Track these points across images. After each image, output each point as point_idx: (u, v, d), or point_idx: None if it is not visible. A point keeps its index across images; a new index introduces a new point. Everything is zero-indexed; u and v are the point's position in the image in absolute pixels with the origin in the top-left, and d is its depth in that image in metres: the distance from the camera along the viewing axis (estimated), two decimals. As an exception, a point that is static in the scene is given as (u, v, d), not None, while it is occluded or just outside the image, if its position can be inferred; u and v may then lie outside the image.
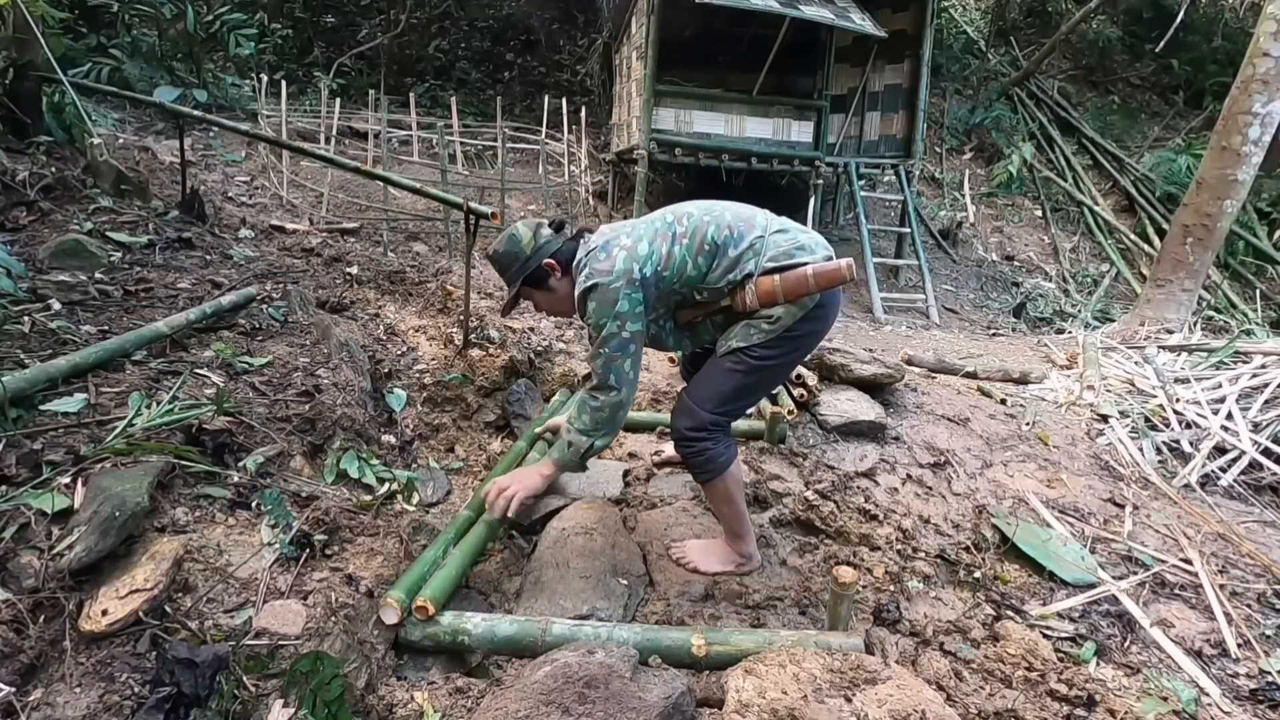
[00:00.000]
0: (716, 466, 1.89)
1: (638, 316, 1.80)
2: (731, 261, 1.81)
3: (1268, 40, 5.22)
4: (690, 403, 1.89)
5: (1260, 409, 3.31)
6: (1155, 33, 11.27)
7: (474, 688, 1.53)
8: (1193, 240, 5.64)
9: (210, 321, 2.48)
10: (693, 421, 1.87)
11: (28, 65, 3.78)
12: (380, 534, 1.82)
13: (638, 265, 1.78)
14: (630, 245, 1.82)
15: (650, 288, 1.81)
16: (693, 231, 1.83)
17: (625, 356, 1.82)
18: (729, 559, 2.06)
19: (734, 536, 2.06)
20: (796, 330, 1.82)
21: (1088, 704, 1.70)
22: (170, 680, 1.21)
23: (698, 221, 1.84)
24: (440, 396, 2.81)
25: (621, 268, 1.78)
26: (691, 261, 1.81)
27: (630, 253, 1.80)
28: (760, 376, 1.88)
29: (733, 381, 1.85)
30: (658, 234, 1.84)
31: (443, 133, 7.34)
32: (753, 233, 1.84)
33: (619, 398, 1.86)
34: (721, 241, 1.81)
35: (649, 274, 1.80)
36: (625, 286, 1.76)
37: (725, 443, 1.91)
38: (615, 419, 1.90)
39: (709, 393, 1.87)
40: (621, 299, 1.77)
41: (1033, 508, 2.60)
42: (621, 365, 1.82)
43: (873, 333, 6.33)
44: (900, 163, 8.53)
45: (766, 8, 6.88)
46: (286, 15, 11.54)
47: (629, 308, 1.78)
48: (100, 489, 1.46)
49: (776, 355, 1.84)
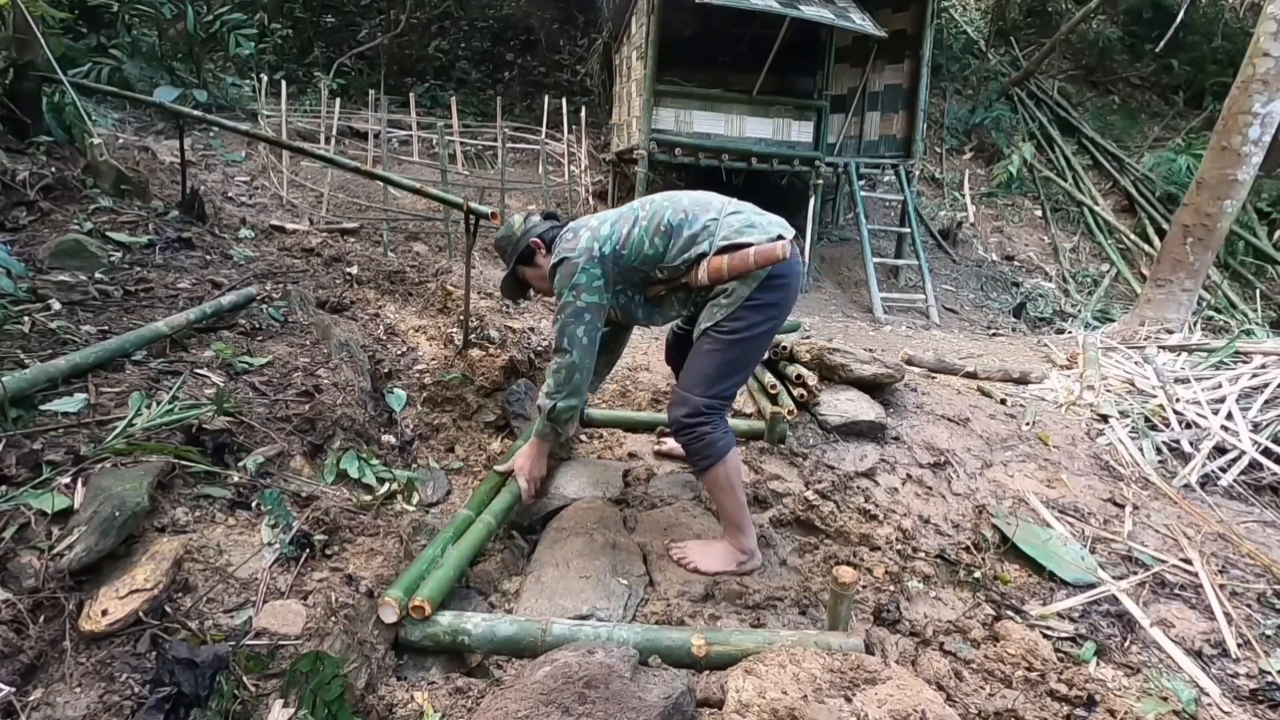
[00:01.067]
0: (715, 451, 1.98)
1: (594, 290, 2.00)
2: (686, 241, 1.99)
3: (1268, 40, 5.22)
4: (682, 391, 2.02)
5: (1260, 409, 3.31)
6: (1155, 33, 11.26)
7: (474, 688, 1.53)
8: (1193, 240, 5.64)
9: (210, 321, 2.48)
10: (688, 408, 1.99)
11: (28, 65, 3.78)
12: (380, 534, 1.82)
13: (598, 244, 2.01)
14: (595, 227, 2.06)
15: (609, 264, 2.02)
16: (652, 215, 2.04)
17: (579, 324, 2.01)
18: (730, 558, 2.07)
19: (735, 530, 2.08)
20: (755, 300, 1.95)
21: (1088, 704, 1.70)
22: (170, 680, 1.21)
23: (658, 206, 2.06)
24: (440, 396, 2.81)
25: (584, 245, 2.02)
26: (649, 241, 2.02)
27: (594, 233, 2.04)
28: (737, 350, 1.99)
29: (713, 361, 1.98)
30: (622, 218, 2.08)
31: (443, 133, 7.35)
32: (707, 214, 2.01)
33: (571, 359, 2.04)
34: (676, 223, 2.00)
35: (608, 251, 2.01)
36: (585, 262, 1.99)
37: (722, 428, 2.02)
38: (572, 380, 2.06)
39: (696, 378, 2.00)
40: (579, 272, 1.99)
41: (1033, 508, 2.60)
42: (575, 331, 2.02)
43: (873, 333, 6.33)
44: (900, 163, 8.53)
45: (766, 8, 6.88)
46: (286, 15, 11.54)
47: (586, 281, 1.99)
48: (100, 489, 1.46)
49: (745, 326, 1.97)
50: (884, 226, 8.89)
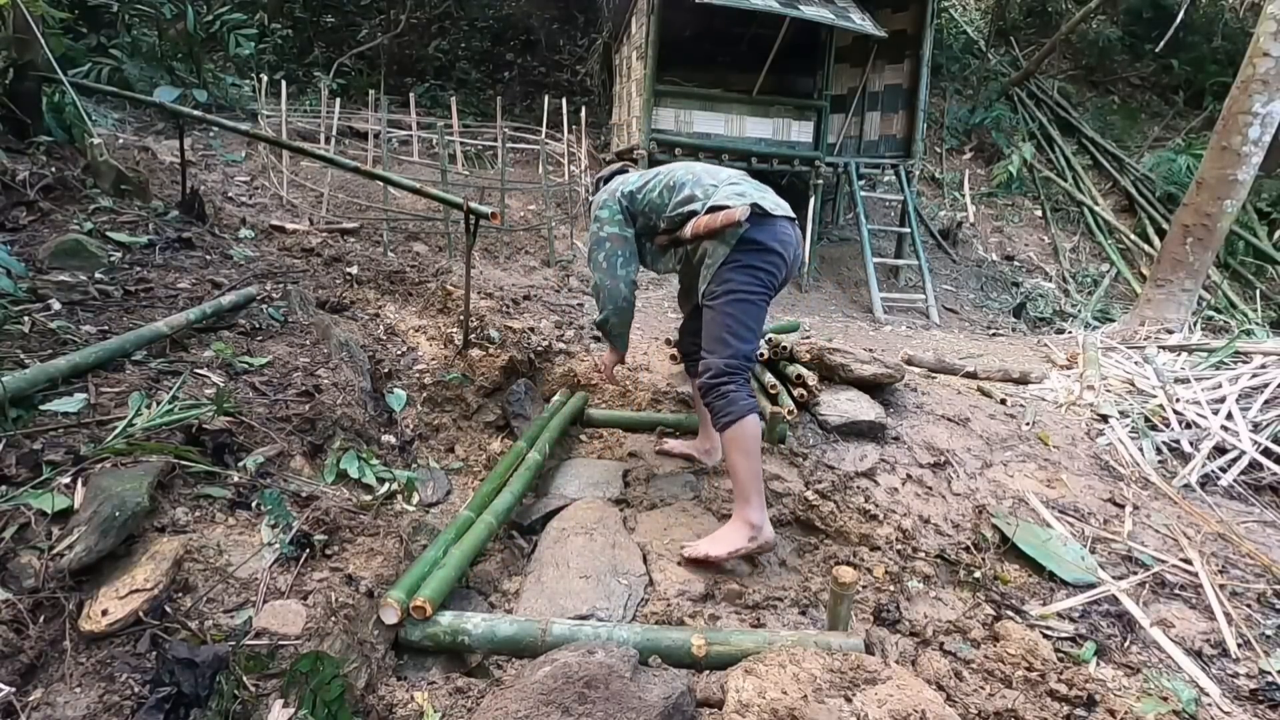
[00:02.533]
0: (739, 409, 2.08)
1: (615, 223, 2.39)
2: (685, 199, 2.27)
3: (1268, 40, 5.22)
4: (704, 357, 2.21)
5: (1260, 409, 3.31)
6: (1155, 33, 11.26)
7: (474, 688, 1.53)
8: (1193, 240, 5.64)
9: (210, 321, 2.48)
10: (711, 370, 2.15)
11: (28, 65, 3.78)
12: (380, 534, 1.82)
13: (623, 189, 2.43)
14: (629, 177, 2.49)
15: (625, 202, 2.41)
16: (669, 172, 2.38)
17: (600, 250, 2.39)
18: (739, 535, 2.07)
19: (743, 501, 2.09)
20: (735, 260, 2.14)
21: (1088, 704, 1.70)
22: (170, 680, 1.21)
23: (676, 168, 2.40)
24: (440, 396, 2.81)
25: (613, 186, 2.48)
26: (658, 193, 2.35)
27: (624, 181, 2.48)
28: (736, 309, 2.15)
29: (719, 323, 2.16)
30: (653, 174, 2.43)
31: (443, 133, 7.34)
32: (710, 180, 2.28)
33: (596, 279, 2.41)
34: (682, 182, 2.31)
35: (627, 192, 2.42)
36: (607, 198, 2.43)
37: (746, 389, 2.14)
38: (600, 297, 2.42)
39: (711, 342, 2.19)
40: (603, 208, 2.42)
41: (1033, 508, 2.60)
42: (596, 255, 2.39)
43: (873, 333, 6.33)
44: (900, 163, 8.53)
45: (766, 8, 6.88)
46: (286, 15, 11.53)
47: (608, 215, 2.40)
48: (100, 489, 1.46)
49: (733, 287, 2.14)
50: (884, 226, 8.89)
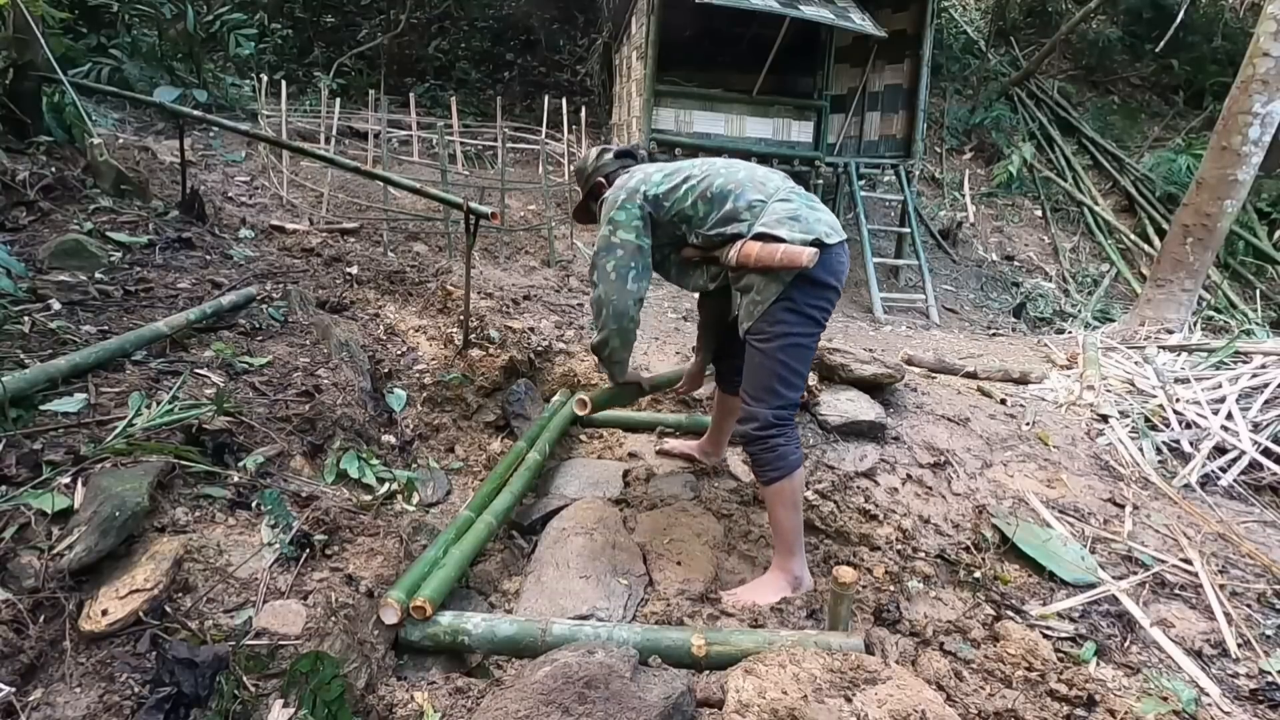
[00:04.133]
0: (786, 465, 1.92)
1: (631, 229, 1.98)
2: (727, 215, 1.94)
3: (1268, 40, 5.21)
4: (750, 405, 1.96)
5: (1260, 409, 3.31)
6: (1155, 33, 11.25)
7: (474, 688, 1.53)
8: (1193, 240, 5.63)
9: (210, 321, 2.48)
10: (757, 422, 1.93)
11: (28, 65, 3.78)
12: (380, 534, 1.82)
13: (645, 186, 2.01)
14: (651, 172, 2.06)
15: (648, 208, 2.01)
16: (703, 176, 2.00)
17: (609, 258, 2.00)
18: (781, 586, 1.97)
19: (785, 553, 1.98)
20: (791, 300, 1.87)
21: (1088, 704, 1.70)
22: (170, 680, 1.21)
23: (713, 171, 2.01)
24: (440, 396, 2.81)
25: (632, 185, 2.02)
26: (691, 202, 1.98)
27: (645, 176, 2.04)
28: (786, 355, 1.90)
29: (768, 369, 1.91)
30: (678, 170, 2.05)
31: (443, 133, 7.34)
32: (756, 194, 1.94)
33: (598, 293, 2.03)
34: (724, 193, 1.95)
35: (651, 195, 2.00)
36: (625, 199, 2.00)
37: (794, 442, 1.96)
38: (601, 315, 2.04)
39: (758, 390, 1.94)
40: (621, 208, 2.00)
41: (1033, 508, 2.60)
42: (604, 264, 2.01)
43: (873, 333, 6.32)
44: (900, 163, 8.53)
45: (766, 8, 6.88)
46: (286, 15, 11.53)
47: (625, 218, 1.99)
48: (100, 489, 1.46)
49: (784, 330, 1.88)
50: (884, 226, 8.88)
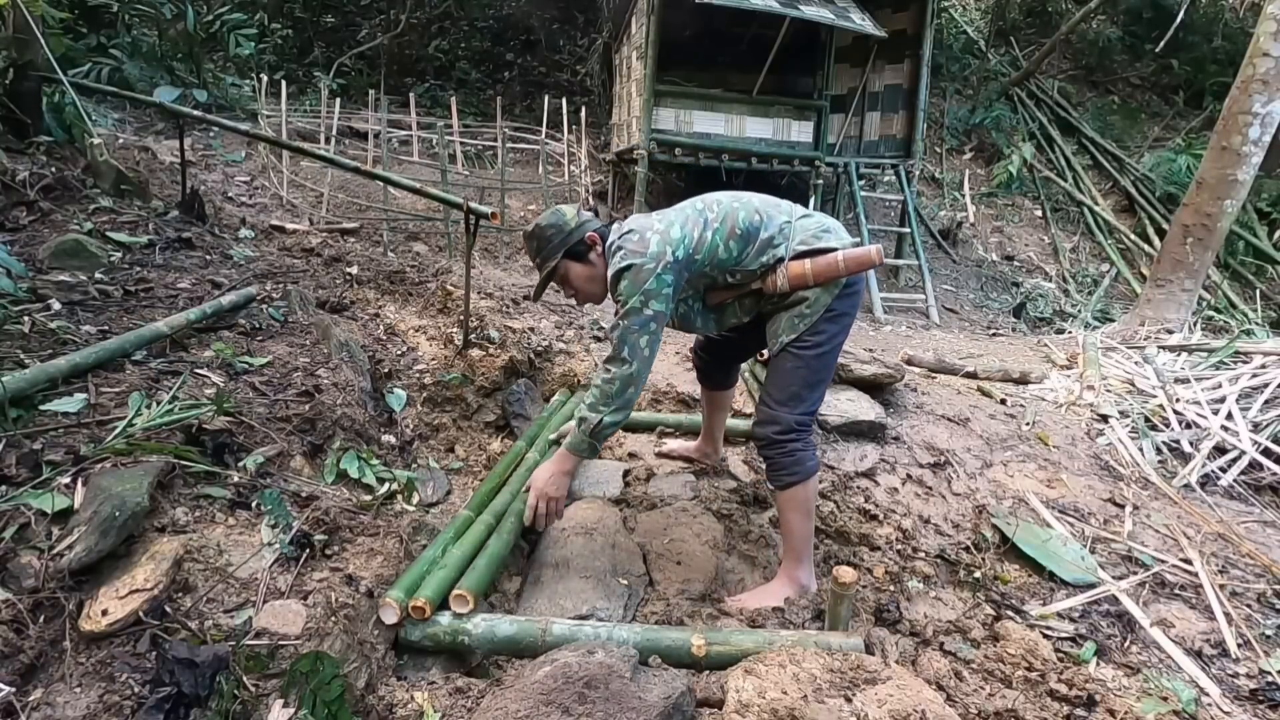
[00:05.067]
0: (804, 470, 1.93)
1: (664, 298, 1.86)
2: (763, 244, 1.90)
3: (1268, 40, 5.22)
4: (772, 409, 1.95)
5: (1260, 409, 3.31)
6: (1155, 33, 11.26)
7: (474, 688, 1.53)
8: (1193, 240, 5.63)
9: (210, 321, 2.48)
10: (780, 425, 1.93)
11: (28, 65, 3.78)
12: (380, 534, 1.82)
13: (670, 248, 1.86)
14: (663, 230, 1.89)
15: (681, 271, 1.88)
16: (723, 217, 1.92)
17: (643, 333, 1.86)
18: (788, 594, 1.96)
19: (794, 561, 1.97)
20: (834, 309, 1.91)
21: (1088, 704, 1.70)
22: (170, 680, 1.21)
23: (728, 208, 1.94)
24: (440, 396, 2.81)
25: (655, 250, 1.85)
26: (723, 245, 1.90)
27: (664, 236, 1.87)
28: (819, 363, 1.94)
29: (800, 376, 1.92)
30: (689, 220, 1.92)
31: (443, 133, 7.35)
32: (781, 217, 1.95)
33: (630, 370, 1.88)
34: (753, 226, 1.91)
35: (681, 257, 1.86)
36: (658, 268, 1.83)
37: (813, 448, 1.97)
38: (625, 394, 1.90)
39: (784, 395, 1.94)
40: (653, 279, 1.83)
41: (1033, 508, 2.60)
42: (637, 340, 1.86)
43: (873, 333, 6.33)
44: (900, 163, 8.53)
45: (766, 8, 6.88)
46: (286, 15, 11.54)
47: (657, 287, 1.84)
48: (100, 489, 1.46)
49: (825, 339, 1.92)
50: (884, 226, 8.88)
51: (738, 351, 2.37)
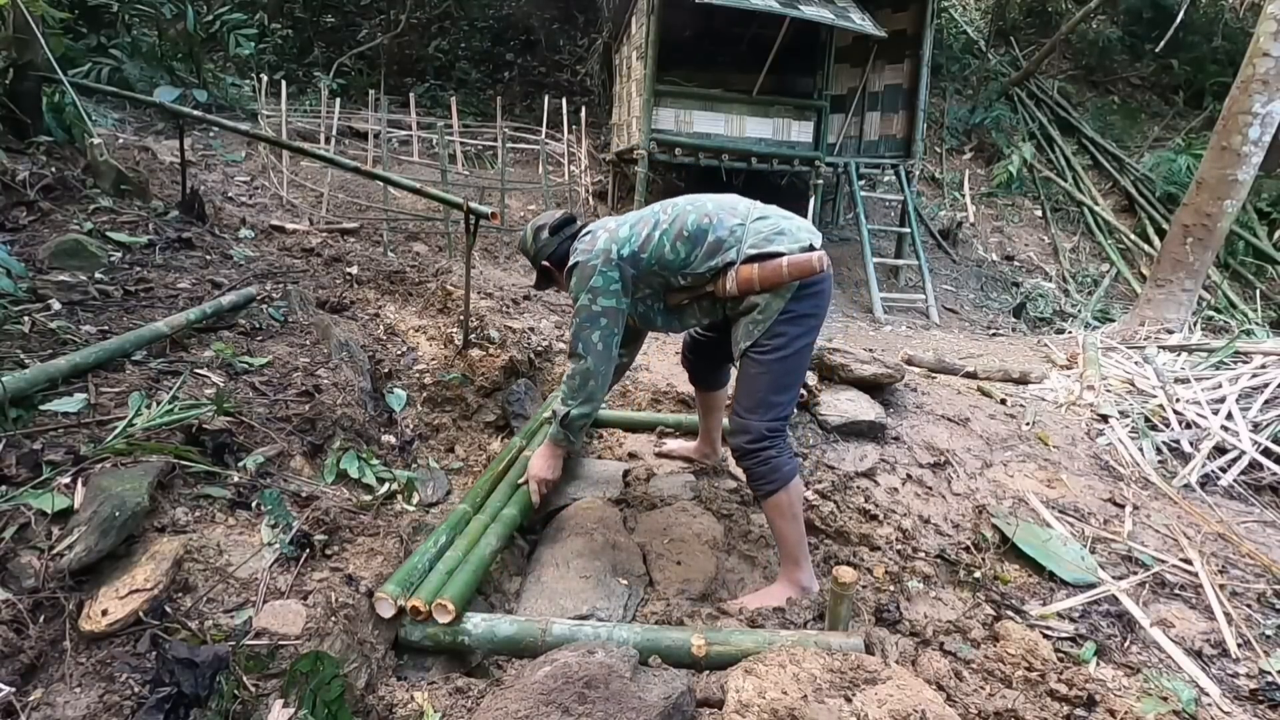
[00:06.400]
0: (782, 476, 1.91)
1: (611, 294, 1.93)
2: (711, 248, 1.90)
3: (1268, 40, 5.22)
4: (743, 418, 1.94)
5: (1260, 409, 3.31)
6: (1155, 33, 11.25)
7: (474, 688, 1.53)
8: (1193, 240, 5.63)
9: (210, 321, 2.48)
10: (750, 435, 1.91)
11: (28, 65, 3.78)
12: (380, 534, 1.82)
13: (615, 246, 1.94)
14: (614, 229, 1.99)
15: (627, 268, 1.94)
16: (674, 219, 1.95)
17: (594, 328, 1.94)
18: (789, 595, 1.94)
19: (792, 565, 1.96)
20: (790, 312, 1.88)
21: (1088, 704, 1.70)
22: (170, 680, 1.21)
23: (680, 210, 1.97)
24: (440, 396, 2.81)
25: (601, 247, 1.94)
26: (670, 246, 1.92)
27: (611, 235, 1.97)
28: (782, 367, 1.91)
29: (764, 381, 1.91)
30: (642, 220, 1.99)
31: (443, 133, 7.35)
32: (733, 219, 1.93)
33: (586, 366, 1.96)
34: (701, 228, 1.91)
35: (626, 254, 1.93)
36: (602, 264, 1.92)
37: (787, 453, 1.94)
38: (586, 387, 1.99)
39: (751, 402, 1.93)
40: (596, 275, 1.92)
41: (1033, 508, 2.60)
42: (590, 336, 1.94)
43: (873, 333, 6.33)
44: (900, 163, 8.53)
45: (766, 8, 6.88)
46: (286, 15, 11.55)
47: (602, 284, 1.92)
48: (100, 489, 1.46)
49: (784, 341, 1.89)
50: (884, 226, 8.88)
51: (725, 352, 2.36)
